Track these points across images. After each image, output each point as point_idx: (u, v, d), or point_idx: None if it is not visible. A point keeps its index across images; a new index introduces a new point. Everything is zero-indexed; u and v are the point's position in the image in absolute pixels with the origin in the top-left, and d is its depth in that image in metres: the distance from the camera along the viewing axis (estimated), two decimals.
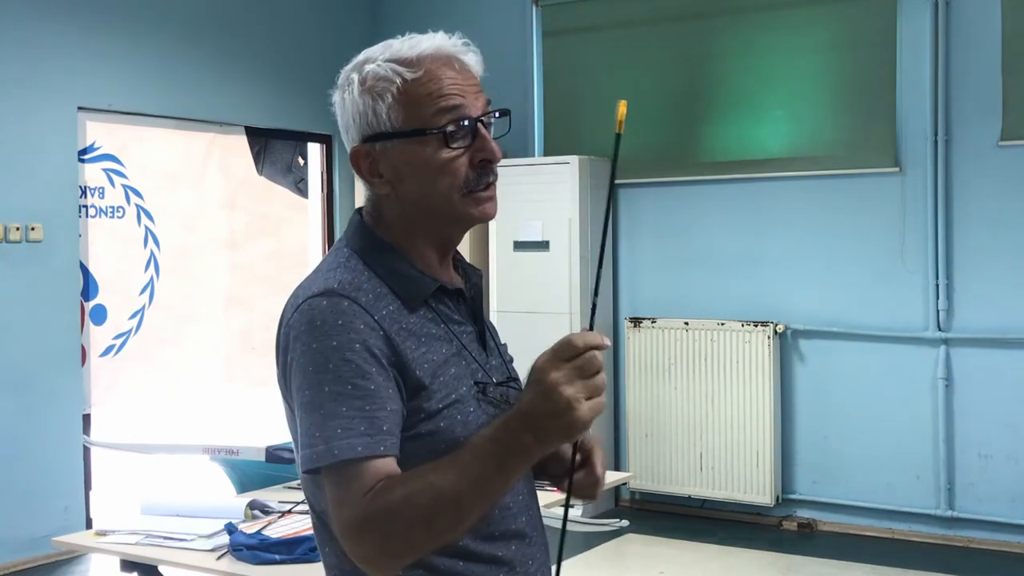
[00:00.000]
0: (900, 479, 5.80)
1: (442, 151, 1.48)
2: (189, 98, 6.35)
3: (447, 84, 1.49)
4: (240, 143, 6.77)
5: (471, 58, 1.53)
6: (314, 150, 7.24)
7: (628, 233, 6.59)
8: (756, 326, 6.04)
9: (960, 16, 5.61)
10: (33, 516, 5.51)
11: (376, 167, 1.52)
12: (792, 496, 6.10)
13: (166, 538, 3.01)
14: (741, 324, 6.09)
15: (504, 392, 1.55)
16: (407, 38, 1.52)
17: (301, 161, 7.17)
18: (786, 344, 6.09)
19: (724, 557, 5.60)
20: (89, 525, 5.59)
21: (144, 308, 6.27)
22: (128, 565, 3.07)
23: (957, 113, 5.63)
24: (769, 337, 6.00)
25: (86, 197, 5.95)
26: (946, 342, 5.67)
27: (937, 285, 5.67)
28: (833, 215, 5.97)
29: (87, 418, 5.87)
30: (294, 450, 1.54)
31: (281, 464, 3.65)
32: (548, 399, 1.29)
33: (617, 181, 6.49)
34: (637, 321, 6.40)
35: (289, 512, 3.15)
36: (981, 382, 5.60)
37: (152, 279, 6.31)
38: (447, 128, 1.48)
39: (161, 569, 3.05)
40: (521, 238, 6.45)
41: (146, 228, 6.28)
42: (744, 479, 6.08)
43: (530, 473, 1.59)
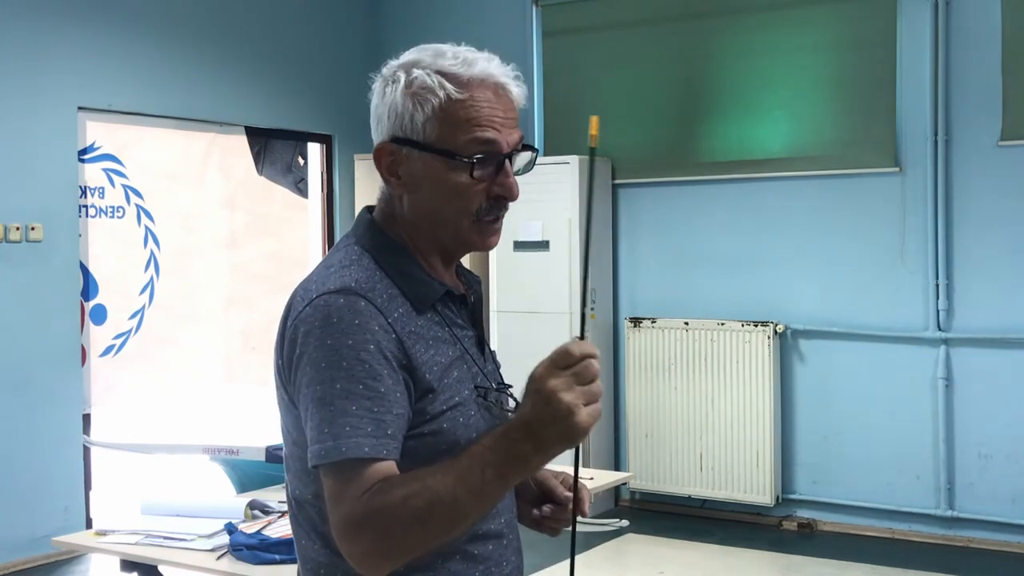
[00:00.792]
0: (900, 479, 5.80)
1: (464, 177, 1.51)
2: (189, 98, 6.35)
3: (487, 114, 1.50)
4: (240, 143, 6.77)
5: (516, 90, 1.55)
6: (314, 150, 7.23)
7: (628, 233, 6.59)
8: (756, 326, 6.04)
9: (960, 16, 5.61)
10: (33, 516, 5.51)
11: (396, 168, 1.54)
12: (792, 496, 6.10)
13: (166, 538, 3.02)
14: (741, 324, 6.09)
15: (498, 398, 1.58)
16: (462, 50, 1.53)
17: (301, 161, 7.17)
18: (786, 344, 6.09)
19: (724, 557, 5.60)
20: (89, 525, 5.59)
21: (144, 308, 6.27)
22: (128, 565, 3.07)
23: (957, 113, 5.63)
24: (769, 337, 6.00)
25: (86, 197, 5.95)
26: (946, 342, 5.67)
27: (937, 285, 5.67)
28: (833, 215, 5.97)
29: (87, 418, 5.87)
30: (283, 443, 1.55)
31: (281, 464, 3.64)
32: (548, 405, 1.31)
33: (617, 181, 6.55)
34: (637, 321, 6.40)
35: None
36: (981, 382, 5.60)
37: (152, 279, 6.31)
38: (475, 158, 1.50)
39: (161, 569, 3.05)
40: (521, 238, 6.44)
41: (146, 228, 6.28)
42: (744, 479, 6.08)
43: None
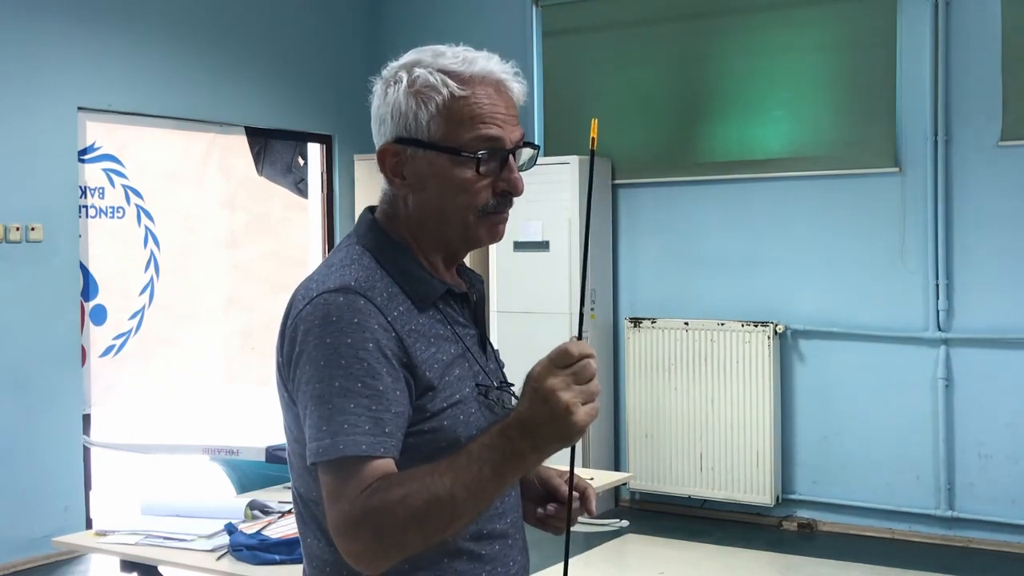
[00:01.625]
0: (900, 479, 5.80)
1: (470, 173, 1.52)
2: (189, 98, 6.35)
3: (490, 111, 1.52)
4: (240, 143, 6.77)
5: (516, 87, 1.56)
6: (314, 150, 7.23)
7: (628, 233, 6.59)
8: (756, 326, 6.04)
9: (960, 16, 5.61)
10: (33, 516, 5.51)
11: (401, 168, 1.55)
12: (792, 496, 6.10)
13: (166, 538, 3.02)
14: (741, 324, 6.09)
15: (499, 396, 1.58)
16: (461, 50, 1.54)
17: (301, 161, 7.17)
18: (786, 344, 6.09)
19: (724, 557, 5.60)
20: (89, 525, 5.59)
21: (144, 308, 6.27)
22: (128, 565, 3.07)
23: (957, 113, 5.63)
24: (769, 337, 6.00)
25: (86, 197, 5.95)
26: (946, 342, 5.67)
27: (937, 285, 5.67)
28: (833, 215, 5.97)
29: (87, 418, 5.87)
30: (286, 442, 1.55)
31: (281, 464, 3.64)
32: (546, 404, 1.32)
33: (617, 181, 6.55)
34: (637, 321, 6.40)
35: (289, 512, 3.14)
36: (981, 382, 5.60)
37: (152, 279, 6.31)
38: (481, 154, 1.51)
39: (161, 569, 3.06)
40: (521, 238, 6.44)
41: (146, 228, 6.28)
42: (744, 479, 6.08)
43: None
